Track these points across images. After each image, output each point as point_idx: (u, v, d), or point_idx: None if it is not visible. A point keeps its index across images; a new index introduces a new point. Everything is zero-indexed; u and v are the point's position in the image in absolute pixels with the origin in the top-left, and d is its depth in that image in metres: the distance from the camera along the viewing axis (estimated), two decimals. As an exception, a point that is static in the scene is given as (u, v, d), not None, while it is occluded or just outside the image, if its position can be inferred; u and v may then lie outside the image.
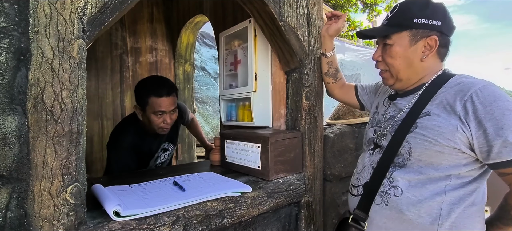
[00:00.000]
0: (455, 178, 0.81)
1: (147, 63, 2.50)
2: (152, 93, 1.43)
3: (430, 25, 0.85)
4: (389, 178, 0.88)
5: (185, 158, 2.69)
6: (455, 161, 0.80)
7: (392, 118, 0.94)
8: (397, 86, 0.96)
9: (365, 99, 1.21)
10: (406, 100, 0.93)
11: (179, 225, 0.88)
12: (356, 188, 0.99)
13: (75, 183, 0.72)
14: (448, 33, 0.88)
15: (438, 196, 0.81)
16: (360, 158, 1.06)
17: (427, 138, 0.81)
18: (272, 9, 1.15)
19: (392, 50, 0.90)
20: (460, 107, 0.78)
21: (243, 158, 1.30)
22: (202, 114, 5.15)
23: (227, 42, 1.64)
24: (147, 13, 2.50)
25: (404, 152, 0.86)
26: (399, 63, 0.90)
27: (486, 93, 0.76)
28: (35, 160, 0.67)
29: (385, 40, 0.92)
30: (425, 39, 0.87)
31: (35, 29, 0.66)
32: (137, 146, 1.55)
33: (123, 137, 1.54)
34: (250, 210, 1.07)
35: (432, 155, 0.81)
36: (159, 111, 1.44)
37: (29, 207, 0.68)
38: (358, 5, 10.01)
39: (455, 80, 0.85)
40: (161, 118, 1.46)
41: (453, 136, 0.78)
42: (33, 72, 0.66)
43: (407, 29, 0.87)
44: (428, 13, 0.85)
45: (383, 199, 0.89)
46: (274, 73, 1.43)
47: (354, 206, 0.97)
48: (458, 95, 0.80)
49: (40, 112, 0.67)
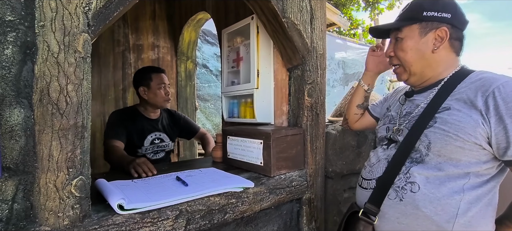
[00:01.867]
0: (474, 177, 0.80)
1: (149, 60, 2.50)
2: (152, 71, 1.76)
3: (440, 17, 0.86)
4: (406, 174, 0.87)
5: (186, 155, 2.70)
6: (475, 158, 0.79)
7: (408, 114, 0.94)
8: (411, 80, 0.96)
9: (379, 112, 1.20)
10: (423, 96, 0.92)
11: (182, 219, 0.89)
12: (367, 182, 0.97)
13: (80, 176, 0.73)
14: (459, 26, 0.88)
15: (456, 194, 0.80)
16: (372, 152, 1.04)
17: (448, 133, 0.80)
18: (275, 6, 1.15)
19: (403, 44, 0.92)
20: (482, 102, 0.77)
21: (245, 155, 1.31)
22: (204, 111, 5.15)
23: (230, 39, 1.65)
24: (149, 10, 2.50)
25: (422, 147, 0.85)
26: (410, 55, 0.91)
27: (509, 89, 0.75)
28: (41, 153, 0.68)
29: (396, 34, 0.94)
30: (435, 30, 0.87)
31: (41, 23, 0.67)
32: (130, 120, 1.74)
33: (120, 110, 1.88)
34: (252, 205, 1.08)
35: (452, 150, 0.80)
36: (162, 83, 1.73)
37: (35, 199, 0.68)
38: (360, 3, 9.98)
39: (475, 75, 0.84)
40: (164, 90, 1.75)
41: (474, 131, 0.77)
42: (39, 66, 0.67)
43: (417, 22, 0.89)
44: (438, 6, 0.87)
45: (398, 194, 0.87)
46: (276, 70, 1.44)
47: (364, 199, 0.95)
48: (480, 90, 0.79)
49: (46, 106, 0.68)
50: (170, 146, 1.90)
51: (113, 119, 1.69)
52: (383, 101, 1.19)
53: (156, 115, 1.84)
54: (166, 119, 1.91)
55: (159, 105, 1.76)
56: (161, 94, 1.74)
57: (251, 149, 1.27)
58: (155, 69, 1.79)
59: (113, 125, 1.66)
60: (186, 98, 2.71)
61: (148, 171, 1.20)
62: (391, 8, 9.86)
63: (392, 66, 1.01)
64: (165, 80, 1.76)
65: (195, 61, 2.79)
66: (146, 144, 1.76)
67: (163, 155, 1.86)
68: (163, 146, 1.85)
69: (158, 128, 1.83)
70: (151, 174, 1.19)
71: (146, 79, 1.74)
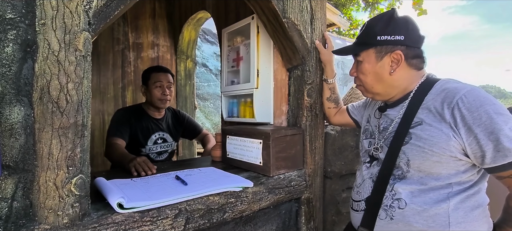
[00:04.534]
0: (456, 185, 0.81)
1: (148, 59, 2.50)
2: (152, 70, 1.78)
3: (393, 40, 0.88)
4: (391, 191, 0.88)
5: (185, 154, 2.70)
6: (454, 169, 0.80)
7: (385, 130, 0.95)
8: (377, 98, 0.99)
9: (357, 115, 1.22)
10: (395, 110, 0.94)
11: (181, 218, 0.89)
12: (357, 203, 0.98)
13: (80, 174, 0.73)
14: (414, 44, 0.90)
15: (442, 203, 0.81)
16: (357, 171, 1.06)
17: (424, 149, 0.81)
18: (276, 6, 1.15)
19: (362, 67, 0.95)
20: (449, 114, 0.78)
21: (245, 154, 1.31)
22: (203, 110, 5.15)
23: (230, 38, 1.65)
24: (149, 9, 2.50)
25: (402, 164, 0.86)
26: (370, 79, 0.95)
27: (471, 98, 0.76)
28: (41, 151, 0.68)
29: (356, 57, 0.98)
30: (390, 54, 0.90)
31: (42, 21, 0.67)
32: (135, 118, 1.74)
33: (126, 107, 1.91)
34: (251, 205, 1.08)
35: (431, 165, 0.81)
36: (158, 81, 1.73)
37: (35, 197, 0.68)
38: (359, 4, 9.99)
39: (440, 86, 0.85)
40: (160, 90, 1.73)
41: (447, 145, 0.78)
42: (39, 64, 0.67)
43: (372, 47, 0.92)
44: (389, 29, 0.89)
45: (388, 213, 0.88)
46: (276, 70, 1.44)
47: (357, 222, 0.95)
48: (445, 101, 0.80)
49: (46, 104, 0.68)
50: (173, 146, 1.89)
51: (118, 117, 1.69)
52: (363, 106, 1.20)
53: (161, 114, 1.84)
54: (170, 118, 1.91)
55: (155, 104, 1.76)
56: (156, 93, 1.73)
57: (250, 149, 1.27)
58: (156, 69, 1.80)
59: (117, 123, 1.65)
60: (185, 97, 2.71)
61: (148, 170, 1.20)
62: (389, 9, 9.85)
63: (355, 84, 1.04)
64: (163, 79, 1.75)
65: (194, 60, 2.79)
66: (150, 144, 1.76)
67: (167, 157, 1.87)
68: (166, 146, 1.84)
69: (162, 127, 1.83)
70: (150, 173, 1.19)
71: (145, 78, 1.77)
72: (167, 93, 1.75)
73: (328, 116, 1.35)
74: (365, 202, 0.94)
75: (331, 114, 1.33)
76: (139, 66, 2.45)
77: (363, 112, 1.17)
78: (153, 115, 1.80)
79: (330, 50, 1.30)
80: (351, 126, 1.28)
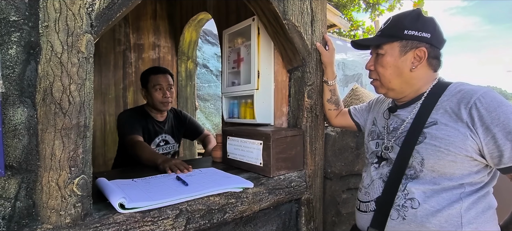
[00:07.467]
0: (468, 186, 0.82)
1: (149, 60, 2.51)
2: (151, 72, 1.74)
3: (420, 36, 0.88)
4: (403, 191, 0.87)
5: (186, 155, 2.71)
6: (467, 170, 0.81)
7: (395, 130, 0.94)
8: (390, 95, 0.98)
9: (360, 118, 1.22)
10: (407, 111, 0.93)
11: (182, 219, 0.90)
12: (365, 204, 0.97)
13: (82, 175, 0.74)
14: (437, 45, 0.90)
15: (455, 203, 0.81)
16: (364, 173, 1.05)
17: (439, 148, 0.81)
18: (276, 8, 1.16)
19: (383, 60, 0.93)
20: (466, 114, 0.78)
21: (245, 155, 1.31)
22: (204, 111, 5.16)
23: (230, 39, 1.65)
24: (150, 10, 2.51)
25: (415, 164, 0.86)
26: (389, 72, 0.93)
27: (489, 99, 0.77)
28: (44, 152, 0.69)
29: (377, 50, 0.95)
30: (414, 50, 0.89)
31: (45, 23, 0.68)
32: (142, 118, 1.73)
33: (131, 108, 1.90)
34: (252, 205, 1.09)
35: (445, 165, 0.81)
36: (157, 84, 1.69)
37: (37, 197, 0.69)
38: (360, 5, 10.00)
39: (454, 88, 0.86)
40: (160, 92, 1.71)
41: (464, 144, 0.78)
42: (42, 66, 0.68)
43: (398, 40, 0.90)
44: (418, 25, 0.88)
45: (400, 213, 0.87)
46: (277, 71, 1.45)
47: (365, 223, 0.95)
48: (462, 102, 0.80)
49: (49, 105, 0.68)
50: (175, 148, 1.89)
51: (128, 116, 1.67)
52: (367, 109, 1.20)
53: (163, 117, 1.83)
54: (172, 120, 1.90)
55: (157, 107, 1.73)
56: (157, 97, 1.69)
57: (251, 150, 1.28)
58: (155, 70, 1.76)
59: (130, 121, 1.64)
60: (186, 97, 2.71)
61: (184, 169, 1.23)
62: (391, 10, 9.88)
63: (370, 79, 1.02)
64: (163, 81, 1.71)
65: (195, 61, 2.80)
66: (153, 146, 1.76)
67: (168, 153, 1.87)
68: (168, 148, 1.84)
69: (165, 129, 1.82)
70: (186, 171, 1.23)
71: (145, 81, 1.74)
72: (168, 95, 1.72)
73: (329, 118, 1.35)
74: (375, 202, 0.93)
75: (332, 116, 1.33)
76: (140, 67, 2.46)
77: (366, 116, 1.17)
78: (155, 117, 1.79)
79: (331, 52, 1.30)
80: (352, 128, 1.28)
